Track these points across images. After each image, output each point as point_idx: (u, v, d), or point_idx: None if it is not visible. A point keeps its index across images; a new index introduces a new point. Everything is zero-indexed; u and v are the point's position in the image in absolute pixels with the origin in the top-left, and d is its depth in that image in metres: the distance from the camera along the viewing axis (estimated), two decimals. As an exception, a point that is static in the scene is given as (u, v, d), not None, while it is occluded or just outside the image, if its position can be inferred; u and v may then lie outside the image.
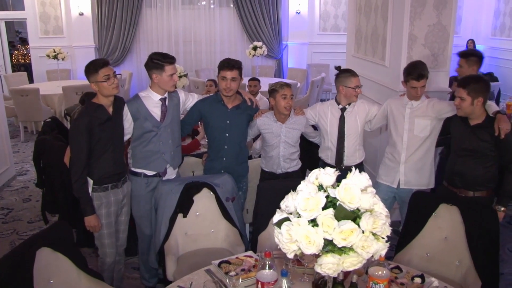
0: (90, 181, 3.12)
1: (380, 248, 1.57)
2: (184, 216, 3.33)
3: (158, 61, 3.26)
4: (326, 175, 1.64)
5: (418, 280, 2.50)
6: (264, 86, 7.89)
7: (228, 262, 2.65)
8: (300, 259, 2.55)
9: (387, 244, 1.62)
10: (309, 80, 9.75)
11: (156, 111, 3.35)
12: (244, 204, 3.89)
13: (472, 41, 10.53)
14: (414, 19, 4.27)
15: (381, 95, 4.70)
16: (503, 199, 3.24)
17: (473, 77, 3.27)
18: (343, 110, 3.67)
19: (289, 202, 1.66)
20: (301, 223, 1.55)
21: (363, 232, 1.54)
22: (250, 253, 2.82)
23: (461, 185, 3.36)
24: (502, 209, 3.21)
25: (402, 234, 3.27)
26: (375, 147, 4.96)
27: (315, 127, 3.95)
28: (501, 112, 3.24)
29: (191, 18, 10.88)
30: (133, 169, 3.44)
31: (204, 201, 3.39)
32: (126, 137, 3.38)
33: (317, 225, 1.55)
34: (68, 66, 10.08)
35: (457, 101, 3.19)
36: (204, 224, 3.41)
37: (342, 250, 1.55)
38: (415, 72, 3.42)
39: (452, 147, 3.47)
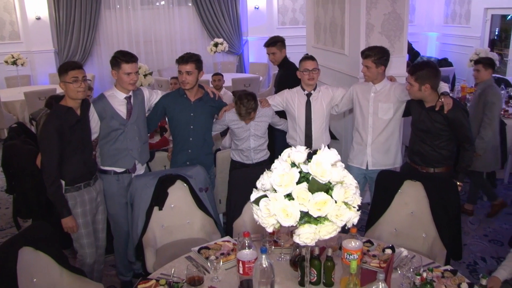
0: (62, 183, 3.12)
1: (352, 216, 1.71)
2: (160, 209, 3.40)
3: (117, 59, 3.32)
4: (297, 152, 1.76)
5: (388, 251, 2.67)
6: (228, 82, 8.01)
7: (207, 248, 2.75)
8: (276, 239, 2.68)
9: (358, 213, 1.75)
10: (271, 73, 9.90)
11: (121, 109, 3.41)
12: (215, 195, 3.97)
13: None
14: (370, 8, 4.46)
15: (342, 82, 4.86)
16: (458, 174, 3.49)
17: (420, 63, 3.49)
18: (308, 95, 3.81)
19: (265, 180, 1.77)
20: (278, 197, 1.67)
21: (335, 202, 1.67)
22: (227, 238, 2.93)
23: (421, 163, 3.57)
24: (459, 183, 3.41)
25: (371, 212, 3.44)
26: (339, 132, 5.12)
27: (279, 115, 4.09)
28: (445, 92, 3.47)
29: (151, 18, 10.82)
30: (102, 167, 3.48)
31: (178, 193, 3.46)
32: (93, 136, 3.40)
33: (292, 198, 1.67)
34: (28, 72, 9.85)
35: (407, 86, 3.41)
36: (179, 215, 3.48)
37: (317, 220, 1.67)
38: (364, 51, 3.65)
39: (411, 127, 3.68)
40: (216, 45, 9.87)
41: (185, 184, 3.47)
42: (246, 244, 2.33)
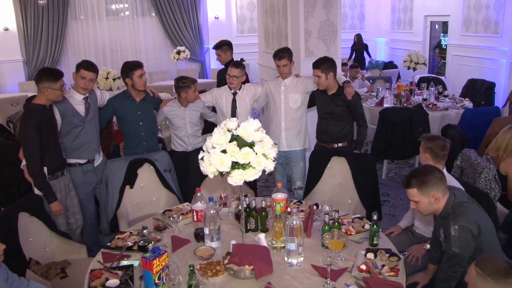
0: (45, 171, 3.63)
1: (269, 164, 2.41)
2: (131, 187, 4.02)
3: (79, 64, 3.90)
4: (231, 121, 2.46)
5: (314, 207, 3.38)
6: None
7: (170, 210, 3.42)
8: (225, 198, 3.38)
9: (274, 163, 2.45)
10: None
11: (80, 109, 3.94)
12: None
13: (358, 35, 11.80)
14: (308, 17, 5.20)
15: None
16: (357, 145, 4.35)
17: (322, 58, 4.25)
18: (234, 94, 4.55)
19: (208, 142, 2.46)
20: (216, 152, 2.36)
21: (256, 154, 2.37)
22: (186, 203, 3.59)
23: (328, 140, 4.40)
24: (359, 152, 4.30)
25: (307, 184, 4.17)
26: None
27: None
28: (347, 81, 4.38)
29: (116, 28, 11.41)
30: (67, 161, 3.93)
31: (146, 174, 4.10)
32: None
33: (226, 152, 2.36)
34: (-4, 81, 10.33)
35: (315, 79, 4.20)
36: (147, 193, 4.12)
37: (244, 166, 2.37)
38: (276, 53, 4.41)
39: (318, 113, 4.51)
40: (178, 53, 10.50)
41: (151, 166, 4.11)
42: (198, 196, 3.02)
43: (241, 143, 2.38)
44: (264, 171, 2.43)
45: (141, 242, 2.80)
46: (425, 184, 2.63)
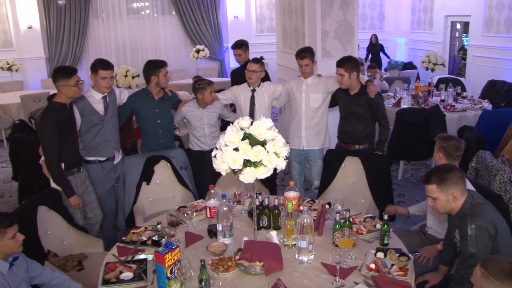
0: (62, 166, 3.70)
1: (280, 162, 2.45)
2: (147, 184, 4.10)
3: (95, 65, 3.94)
4: (243, 120, 2.51)
5: (326, 206, 3.41)
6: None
7: (184, 206, 3.48)
8: (239, 196, 3.43)
9: (285, 161, 2.49)
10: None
11: (99, 108, 4.00)
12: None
13: (375, 35, 11.71)
14: (325, 17, 5.23)
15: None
16: (379, 146, 4.32)
17: (346, 57, 4.27)
18: (253, 91, 4.60)
19: (221, 140, 2.51)
20: (228, 150, 2.41)
21: (268, 152, 2.42)
22: (201, 200, 3.65)
23: (349, 141, 4.39)
24: (380, 153, 4.27)
25: (321, 183, 4.20)
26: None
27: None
28: (370, 80, 4.36)
29: (136, 26, 11.56)
30: (86, 158, 4.04)
31: (162, 170, 4.18)
32: None
33: (238, 150, 2.41)
34: (20, 78, 10.53)
35: (338, 77, 4.19)
36: (163, 190, 4.19)
37: (255, 164, 2.41)
38: (298, 53, 4.45)
39: (340, 113, 4.51)
40: (198, 51, 10.61)
41: (168, 163, 4.18)
42: (212, 193, 3.07)
43: (253, 141, 2.43)
44: (275, 169, 2.47)
45: (155, 237, 2.87)
46: (445, 181, 2.63)
